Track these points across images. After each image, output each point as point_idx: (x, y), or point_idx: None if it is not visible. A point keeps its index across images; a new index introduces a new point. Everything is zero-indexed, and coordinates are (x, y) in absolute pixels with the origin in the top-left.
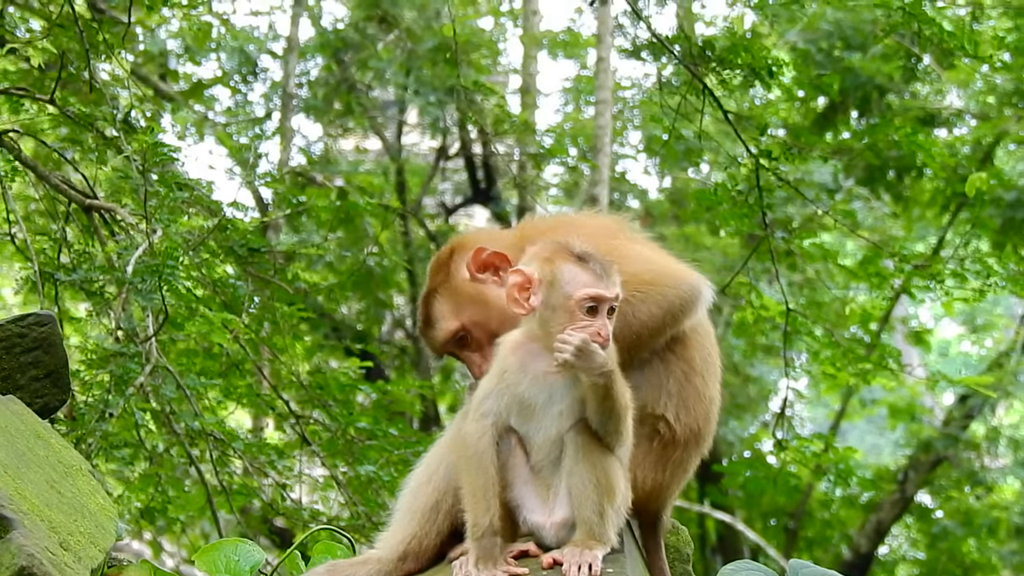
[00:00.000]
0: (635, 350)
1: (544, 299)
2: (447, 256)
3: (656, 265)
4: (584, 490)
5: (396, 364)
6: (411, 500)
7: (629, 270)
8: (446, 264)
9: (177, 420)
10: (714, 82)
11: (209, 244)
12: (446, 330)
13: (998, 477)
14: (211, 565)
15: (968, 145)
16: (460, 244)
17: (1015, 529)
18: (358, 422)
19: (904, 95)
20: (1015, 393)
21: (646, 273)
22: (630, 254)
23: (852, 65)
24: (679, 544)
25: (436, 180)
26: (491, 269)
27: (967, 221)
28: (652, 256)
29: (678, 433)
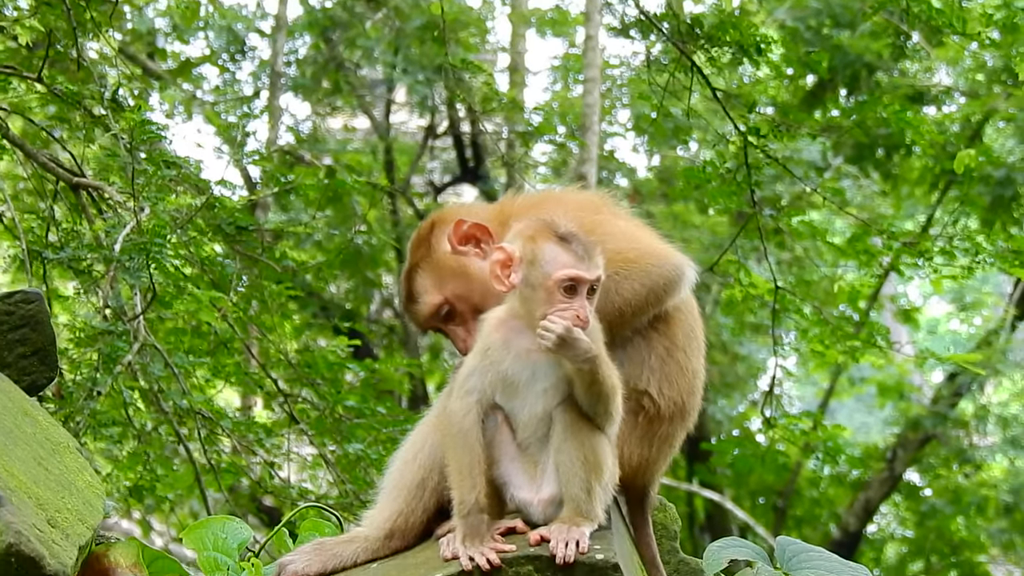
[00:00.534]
0: (617, 328)
1: (524, 277)
2: (427, 230)
3: (640, 243)
4: (571, 467)
5: (384, 343)
6: (397, 478)
7: (612, 247)
8: (427, 238)
9: (165, 398)
10: (702, 60)
11: (197, 222)
12: (429, 304)
13: (987, 455)
14: (199, 543)
15: (957, 123)
16: (440, 218)
17: (1004, 507)
18: (346, 400)
19: (893, 73)
20: (1004, 371)
21: (630, 251)
22: (614, 231)
23: (841, 43)
24: (667, 521)
25: (424, 159)
26: (472, 241)
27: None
28: (636, 234)
29: (662, 407)
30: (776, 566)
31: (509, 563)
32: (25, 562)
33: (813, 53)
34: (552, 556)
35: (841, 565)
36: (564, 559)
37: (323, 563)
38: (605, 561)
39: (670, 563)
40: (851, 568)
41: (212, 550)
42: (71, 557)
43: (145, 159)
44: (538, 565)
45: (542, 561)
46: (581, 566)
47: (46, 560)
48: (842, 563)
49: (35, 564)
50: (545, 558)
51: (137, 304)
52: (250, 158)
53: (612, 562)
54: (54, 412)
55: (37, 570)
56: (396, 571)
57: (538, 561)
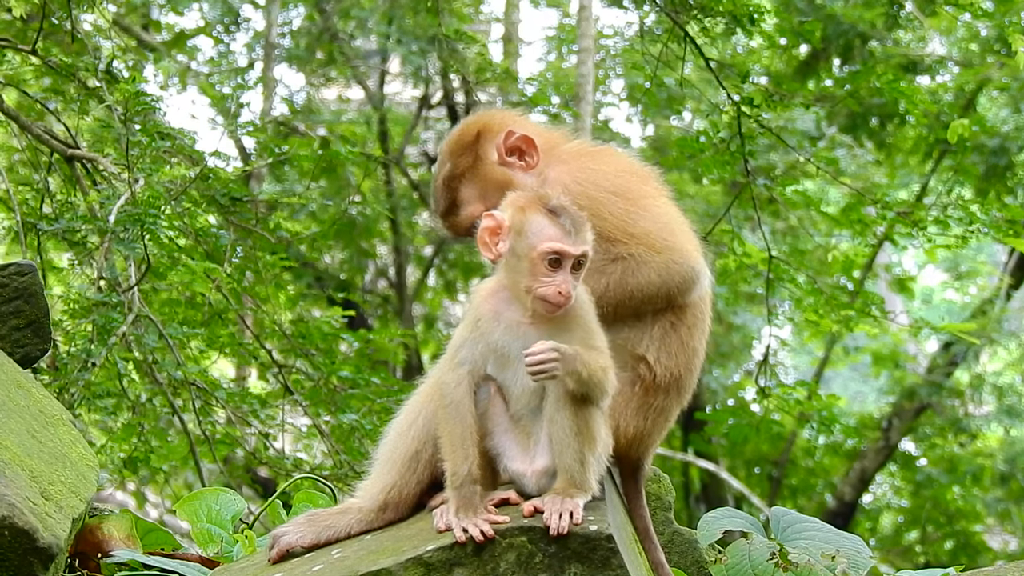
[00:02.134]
0: (622, 309)
1: (511, 247)
2: (472, 139)
3: (671, 234)
4: (565, 438)
5: (379, 313)
6: (391, 450)
7: (644, 227)
8: (472, 146)
9: (160, 370)
10: (696, 30)
11: (191, 193)
12: (472, 215)
13: (982, 424)
14: (192, 514)
15: (951, 92)
16: (487, 126)
17: (999, 476)
18: (340, 371)
19: (886, 42)
20: (999, 340)
21: (658, 239)
22: (652, 209)
23: (834, 12)
24: (661, 492)
25: (419, 129)
26: (518, 153)
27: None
28: (671, 221)
29: (659, 376)
30: (770, 537)
31: (502, 535)
32: (19, 535)
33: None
34: (546, 527)
35: (835, 535)
36: (558, 530)
37: (317, 534)
38: (599, 532)
39: (664, 534)
40: (845, 538)
41: (206, 522)
42: (64, 529)
43: (139, 130)
44: (532, 536)
45: (536, 532)
46: (575, 537)
47: (39, 533)
48: (836, 533)
49: (29, 536)
50: (539, 529)
51: (131, 275)
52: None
53: (606, 533)
54: (48, 384)
55: (31, 542)
56: (390, 542)
57: (532, 532)
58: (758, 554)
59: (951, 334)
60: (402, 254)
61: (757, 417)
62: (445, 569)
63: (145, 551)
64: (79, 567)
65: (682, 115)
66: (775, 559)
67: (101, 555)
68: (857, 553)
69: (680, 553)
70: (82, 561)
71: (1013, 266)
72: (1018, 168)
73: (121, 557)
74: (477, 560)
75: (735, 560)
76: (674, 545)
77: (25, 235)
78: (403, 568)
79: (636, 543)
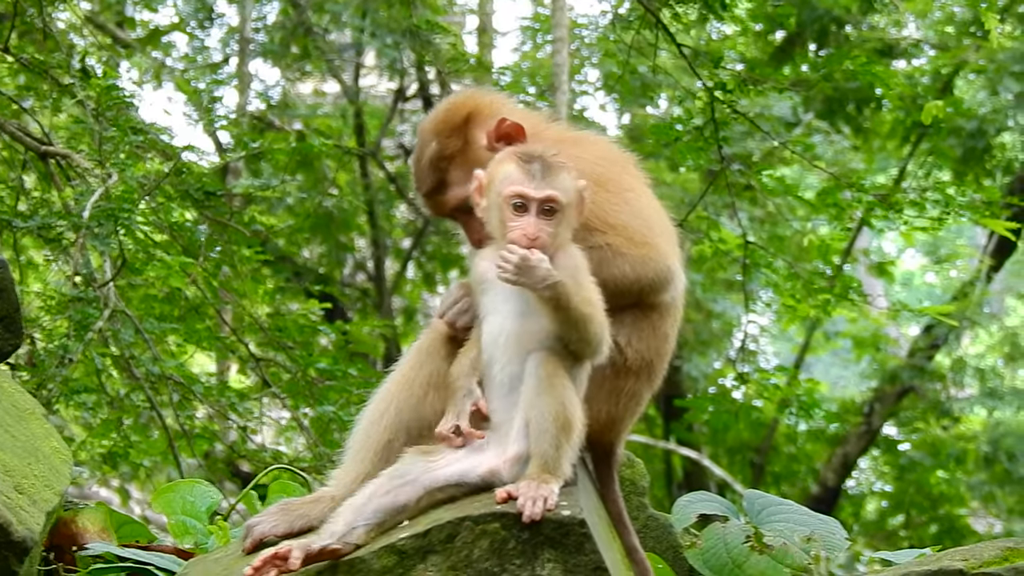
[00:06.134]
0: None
1: (486, 200)
2: (461, 121)
3: (650, 230)
4: (542, 423)
5: (358, 306)
6: (363, 439)
7: (624, 220)
8: (461, 129)
9: (137, 365)
10: (668, 17)
11: (165, 188)
12: (458, 196)
13: (965, 407)
14: (167, 506)
15: (927, 76)
16: (477, 111)
17: (983, 459)
18: (318, 363)
19: (862, 26)
20: (980, 323)
21: (637, 232)
22: (632, 200)
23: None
24: (635, 477)
25: (395, 122)
26: (506, 139)
27: (927, 152)
28: (651, 216)
29: (629, 359)
30: (746, 520)
31: (476, 520)
32: None
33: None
34: (519, 513)
35: (810, 517)
36: (531, 517)
37: (289, 523)
38: (572, 517)
39: (639, 519)
40: (820, 520)
41: (181, 514)
42: (38, 523)
43: (113, 127)
44: (505, 522)
45: (509, 518)
46: (548, 523)
47: (13, 526)
48: (811, 515)
49: (3, 530)
50: (512, 515)
51: (107, 271)
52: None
53: (579, 518)
54: (26, 380)
55: (4, 536)
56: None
57: (505, 518)
58: (733, 537)
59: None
60: (380, 247)
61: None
62: (419, 556)
63: (120, 543)
64: (54, 560)
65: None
66: (750, 542)
67: (76, 548)
68: (832, 535)
69: (655, 538)
70: (57, 554)
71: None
72: (996, 150)
73: (96, 550)
74: (450, 547)
75: (710, 544)
76: (649, 530)
77: (1, 232)
78: (376, 556)
79: (610, 528)
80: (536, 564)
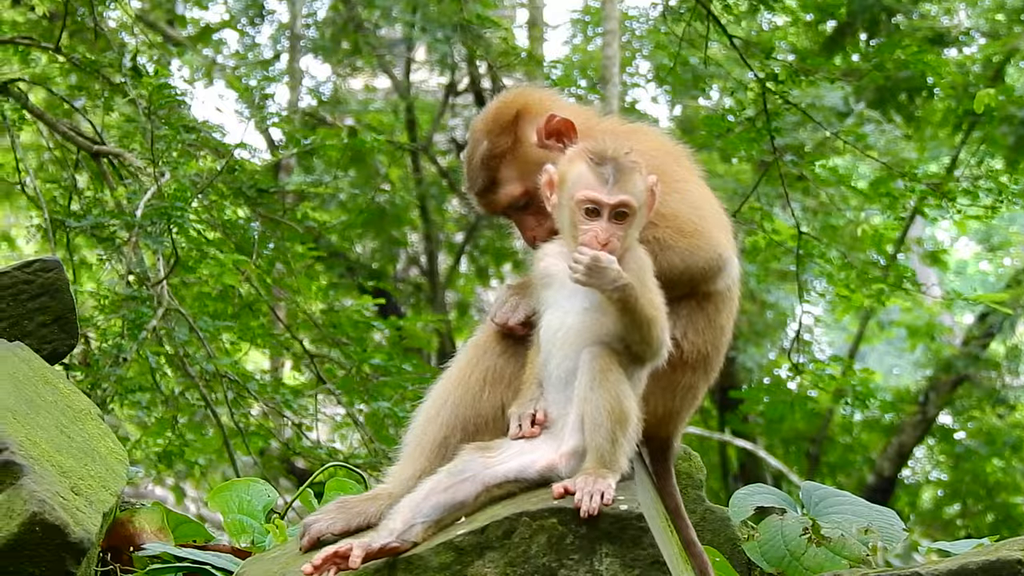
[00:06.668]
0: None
1: (557, 198)
2: (511, 119)
3: (700, 219)
4: (598, 417)
5: (411, 301)
6: (419, 435)
7: (673, 208)
8: (511, 127)
9: (191, 363)
10: (719, 8)
11: (218, 186)
12: (511, 195)
13: (1020, 395)
14: (224, 505)
15: (978, 64)
16: (527, 107)
17: None
18: (372, 359)
19: (913, 15)
20: None
21: (687, 222)
22: (682, 190)
23: None
24: (691, 470)
25: (446, 116)
26: (556, 136)
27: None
28: (702, 205)
29: (686, 352)
30: (803, 512)
31: (533, 516)
32: (49, 530)
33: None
34: (576, 508)
35: (868, 509)
36: (588, 512)
37: (347, 521)
38: (629, 512)
39: (696, 512)
40: (878, 511)
41: (237, 512)
42: (95, 524)
43: (165, 125)
44: (562, 518)
45: (566, 514)
46: (605, 517)
47: (70, 528)
48: (868, 506)
49: (59, 532)
50: (569, 511)
51: (160, 269)
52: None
53: (636, 512)
54: (81, 380)
55: (62, 537)
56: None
57: (562, 514)
58: (791, 530)
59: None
60: (433, 241)
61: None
62: (476, 553)
63: (177, 543)
64: (111, 561)
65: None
66: (807, 534)
67: (133, 548)
68: (890, 526)
69: (713, 531)
70: (114, 555)
71: None
72: None
73: (153, 550)
74: (508, 543)
75: (768, 536)
76: (706, 523)
77: (54, 232)
78: (434, 553)
79: (667, 522)
80: (594, 559)
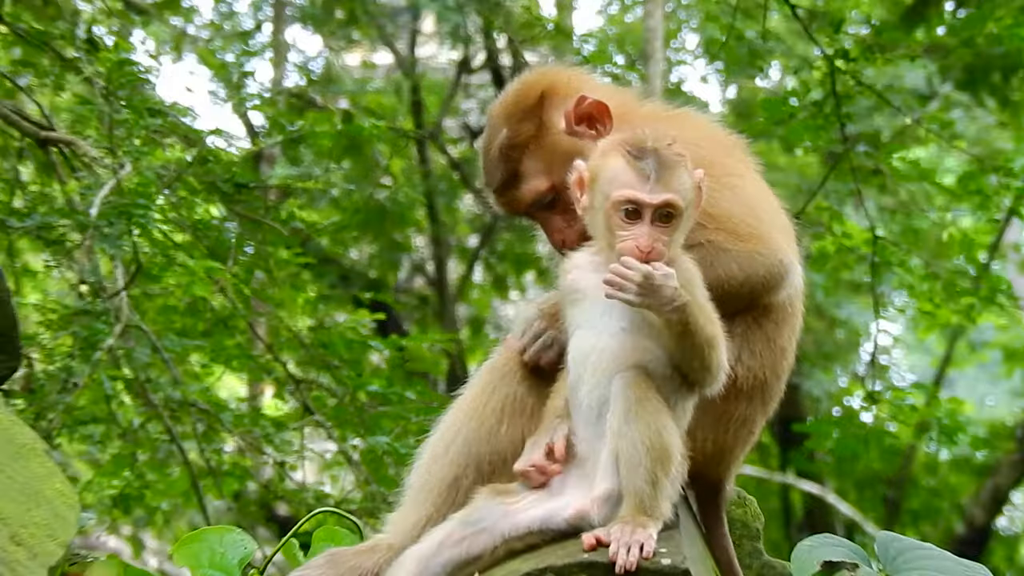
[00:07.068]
0: None
1: (589, 199)
2: (535, 102)
3: (758, 220)
4: (635, 455)
5: (416, 316)
6: (426, 476)
7: (726, 208)
8: (535, 111)
9: (154, 389)
10: None
11: (188, 180)
12: (535, 191)
13: None
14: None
15: None
16: (552, 88)
17: None
18: (369, 385)
19: None
20: None
21: (743, 224)
22: (735, 187)
23: None
24: (747, 518)
25: (458, 98)
26: (587, 121)
27: None
28: (759, 203)
29: (740, 379)
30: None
31: (559, 571)
32: None
33: None
34: (611, 562)
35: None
36: (626, 567)
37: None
38: (673, 567)
39: (752, 567)
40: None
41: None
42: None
43: (125, 107)
44: (594, 573)
45: (598, 569)
46: (645, 573)
47: None
48: (957, 562)
49: None
50: (602, 565)
51: (119, 278)
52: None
53: (681, 568)
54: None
55: None
56: None
57: (594, 569)
58: None
59: None
60: (442, 246)
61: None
62: None
63: None
64: None
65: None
66: None
67: None
68: None
69: None
70: None
71: None
72: None
73: None
74: None
75: None
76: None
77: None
78: None
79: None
80: None
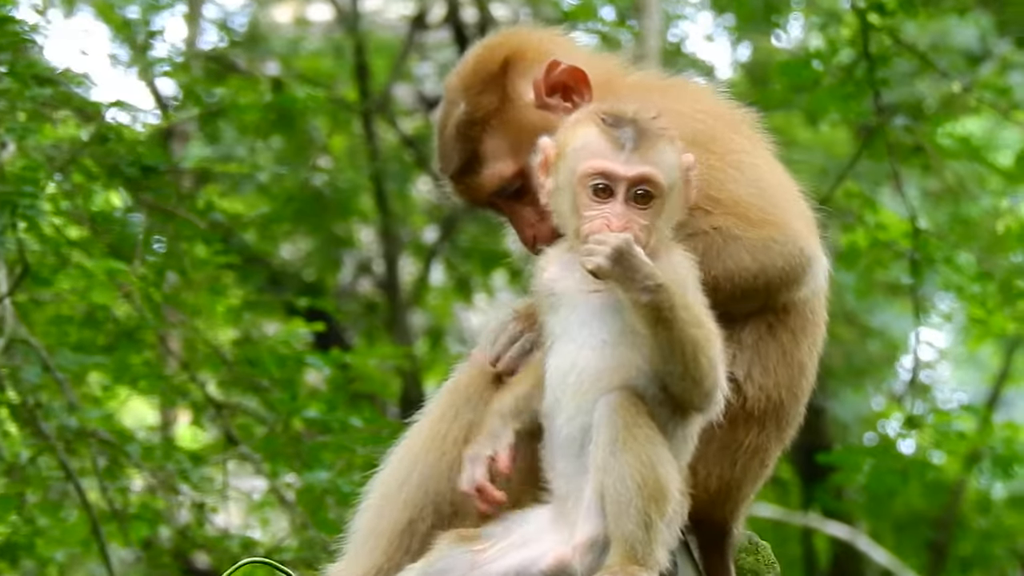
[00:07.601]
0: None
1: (554, 180)
2: (497, 70)
3: (772, 203)
4: (623, 492)
5: (362, 327)
6: (375, 519)
7: (732, 192)
8: (496, 82)
9: (46, 417)
10: None
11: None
12: (498, 176)
13: None
14: None
15: None
16: (519, 53)
17: None
18: (306, 411)
19: None
20: None
21: (754, 208)
22: (742, 166)
23: None
24: (758, 568)
25: (412, 61)
26: (562, 91)
27: None
28: (772, 185)
29: (750, 399)
30: None
31: None
32: None
33: None
34: None
35: None
36: None
37: None
38: None
39: None
40: None
41: None
42: None
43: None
44: None
45: None
46: None
47: None
48: None
49: None
50: None
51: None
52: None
53: None
54: None
55: None
56: None
57: None
58: None
59: None
60: (393, 241)
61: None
62: None
63: None
64: None
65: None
66: None
67: None
68: None
69: None
70: None
71: None
72: None
73: None
74: None
75: None
76: None
77: None
78: None
79: None
80: None
